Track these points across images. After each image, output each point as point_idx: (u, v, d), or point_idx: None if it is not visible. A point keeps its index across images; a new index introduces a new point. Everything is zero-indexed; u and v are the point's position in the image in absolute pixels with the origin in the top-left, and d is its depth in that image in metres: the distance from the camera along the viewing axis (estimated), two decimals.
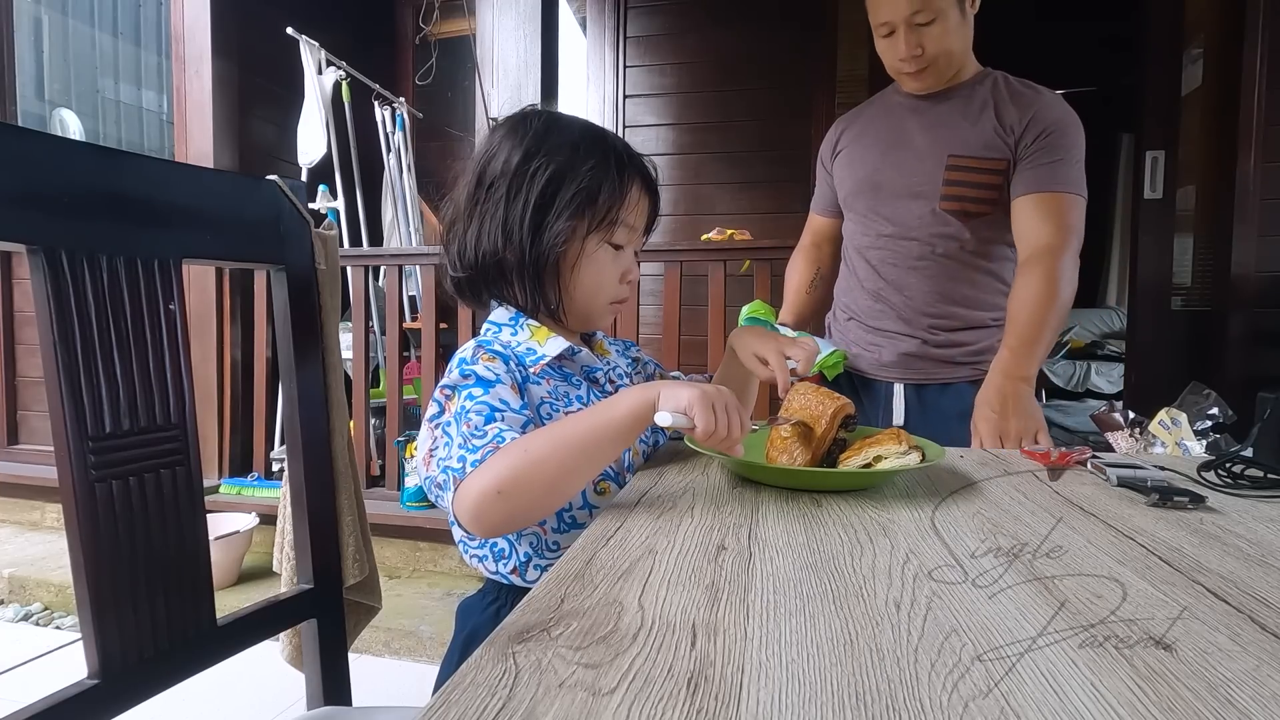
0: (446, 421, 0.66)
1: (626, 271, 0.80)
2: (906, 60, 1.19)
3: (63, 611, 2.18)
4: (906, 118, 1.29)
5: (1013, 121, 1.20)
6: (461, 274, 0.78)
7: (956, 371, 1.26)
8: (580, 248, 0.75)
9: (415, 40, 3.61)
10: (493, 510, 0.60)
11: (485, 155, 0.77)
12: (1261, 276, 2.21)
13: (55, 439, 0.56)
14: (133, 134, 3.27)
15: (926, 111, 1.27)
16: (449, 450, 0.64)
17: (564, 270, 0.76)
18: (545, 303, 0.77)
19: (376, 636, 1.92)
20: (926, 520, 0.56)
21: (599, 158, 0.75)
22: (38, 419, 2.97)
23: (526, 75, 2.34)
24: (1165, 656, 0.34)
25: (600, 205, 0.74)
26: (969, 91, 1.25)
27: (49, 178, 0.56)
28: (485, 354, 0.70)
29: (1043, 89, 1.24)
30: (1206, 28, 2.34)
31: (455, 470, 0.62)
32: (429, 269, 2.31)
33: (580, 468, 0.63)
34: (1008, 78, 1.25)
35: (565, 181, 0.74)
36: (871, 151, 1.31)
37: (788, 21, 2.91)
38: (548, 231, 0.73)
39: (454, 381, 0.69)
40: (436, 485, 0.65)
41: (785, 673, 0.32)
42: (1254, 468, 0.70)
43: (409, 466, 2.31)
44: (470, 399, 0.66)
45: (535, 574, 0.73)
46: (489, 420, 0.64)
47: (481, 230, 0.76)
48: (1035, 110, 1.20)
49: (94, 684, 0.57)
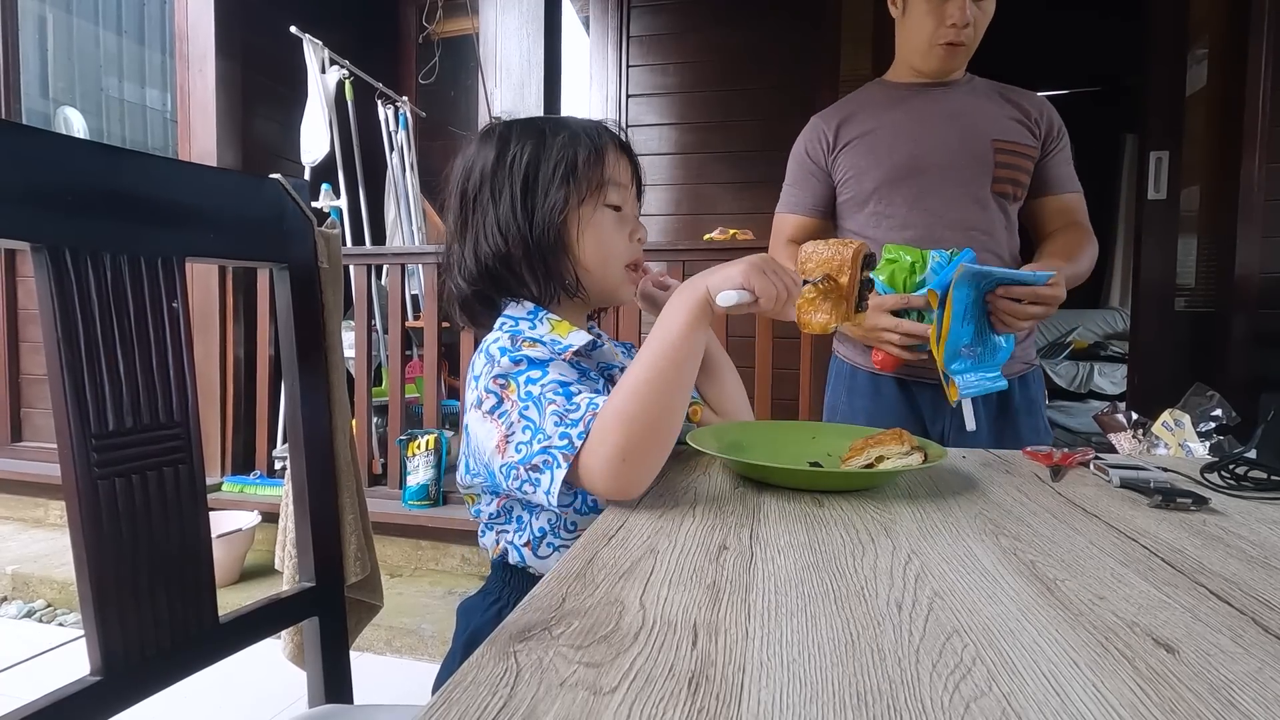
0: (524, 407, 0.65)
1: (632, 230, 0.80)
2: (956, 29, 1.18)
3: (65, 608, 2.18)
4: (925, 105, 1.24)
5: (1035, 115, 1.23)
6: (469, 289, 0.78)
7: (1012, 367, 1.21)
8: (578, 216, 0.76)
9: (418, 39, 3.62)
10: (626, 475, 0.60)
11: (462, 173, 0.79)
12: (1266, 278, 2.21)
13: (58, 436, 0.57)
14: (136, 132, 3.28)
15: (945, 99, 1.24)
16: (538, 433, 0.63)
17: (570, 245, 0.76)
18: (561, 283, 0.76)
19: (378, 635, 1.92)
20: (928, 521, 0.56)
21: (567, 133, 0.77)
22: (41, 416, 2.98)
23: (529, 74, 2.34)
24: (1167, 658, 0.34)
25: (582, 170, 0.76)
26: (969, 87, 1.26)
27: (53, 176, 0.56)
28: (525, 341, 0.70)
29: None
30: (1212, 27, 2.34)
31: (562, 448, 0.61)
32: (431, 268, 2.32)
33: (676, 397, 0.64)
34: (991, 82, 1.28)
35: (542, 161, 0.76)
36: (902, 138, 1.24)
37: (791, 21, 2.90)
38: (540, 210, 0.75)
39: (505, 370, 0.67)
40: (530, 469, 0.63)
41: (786, 672, 0.32)
42: (1257, 469, 0.70)
43: (411, 465, 2.32)
44: (532, 382, 0.66)
45: (548, 551, 0.73)
46: (569, 395, 0.64)
47: (478, 239, 0.76)
48: (1046, 108, 1.25)
49: (96, 681, 0.57)
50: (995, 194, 1.21)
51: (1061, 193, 1.25)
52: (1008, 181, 1.21)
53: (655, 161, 3.05)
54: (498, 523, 0.75)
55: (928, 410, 1.23)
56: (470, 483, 0.75)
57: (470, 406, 0.69)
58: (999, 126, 1.22)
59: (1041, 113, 1.24)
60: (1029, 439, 1.18)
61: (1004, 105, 1.24)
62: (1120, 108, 4.74)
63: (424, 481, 2.30)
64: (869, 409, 1.27)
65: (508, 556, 0.75)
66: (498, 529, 0.76)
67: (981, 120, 1.22)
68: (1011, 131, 1.22)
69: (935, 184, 1.22)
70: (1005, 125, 1.22)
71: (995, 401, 1.22)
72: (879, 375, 1.26)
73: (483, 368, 0.69)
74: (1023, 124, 1.22)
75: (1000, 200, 1.22)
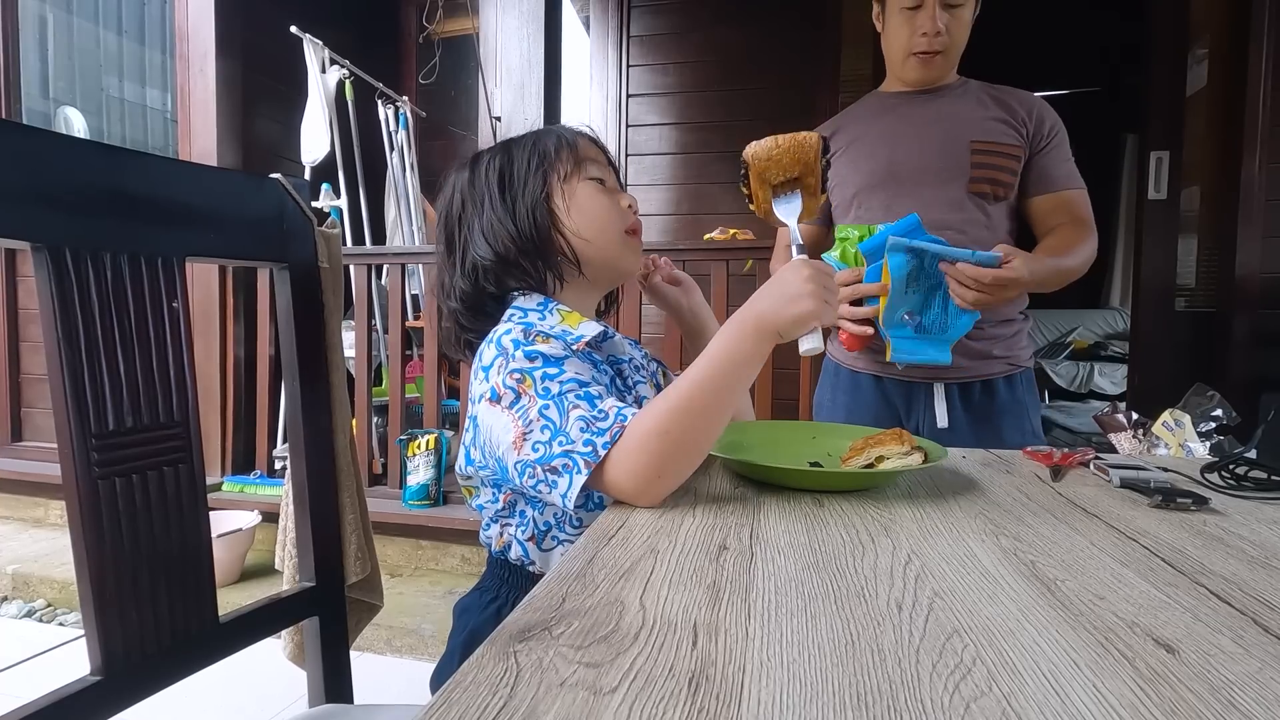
0: (543, 405, 0.64)
1: (621, 197, 0.82)
2: (928, 38, 1.20)
3: (66, 608, 2.19)
4: (910, 112, 1.28)
5: (1022, 115, 1.23)
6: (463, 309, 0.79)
7: (992, 367, 1.24)
8: (562, 192, 0.78)
9: (419, 39, 3.62)
10: (657, 489, 0.60)
11: (444, 204, 0.83)
12: (1266, 278, 2.21)
13: (59, 436, 0.56)
14: (137, 132, 3.28)
15: (929, 105, 1.27)
16: (558, 435, 0.63)
17: (560, 221, 0.77)
18: (560, 258, 0.78)
19: (378, 634, 1.93)
20: (928, 521, 0.56)
21: (533, 135, 0.81)
22: (42, 416, 2.98)
23: (529, 74, 2.34)
24: (1168, 658, 0.34)
25: (554, 155, 0.78)
26: (960, 91, 1.28)
27: (54, 176, 0.56)
28: (538, 336, 0.70)
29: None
30: (1212, 28, 2.34)
31: (585, 455, 0.61)
32: (432, 268, 2.32)
33: (718, 422, 0.64)
34: (984, 84, 1.29)
35: (515, 160, 0.79)
36: (881, 145, 1.29)
37: (791, 21, 2.90)
38: (522, 201, 0.77)
39: (520, 364, 0.67)
40: (549, 469, 0.63)
41: (786, 673, 0.32)
42: (1257, 469, 0.70)
43: (411, 465, 2.32)
44: (549, 379, 0.65)
45: (552, 544, 0.73)
46: (591, 400, 0.64)
47: (468, 252, 0.79)
48: (1037, 107, 1.25)
49: (97, 680, 0.57)
50: (972, 194, 1.22)
51: (1056, 190, 1.24)
52: (985, 181, 1.22)
53: (656, 161, 3.05)
54: (502, 515, 0.76)
55: (902, 405, 1.28)
56: (471, 473, 0.75)
57: (480, 397, 0.69)
58: (979, 128, 1.23)
59: (1030, 111, 1.24)
60: (1013, 443, 1.17)
61: (989, 107, 1.25)
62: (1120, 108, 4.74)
63: (424, 481, 2.30)
64: (848, 403, 1.33)
65: (509, 551, 0.75)
66: (502, 521, 0.76)
67: (960, 124, 1.24)
68: (993, 132, 1.23)
69: (909, 188, 1.25)
70: (986, 126, 1.23)
71: (976, 399, 1.24)
72: (858, 373, 1.31)
73: (494, 359, 0.69)
74: (1007, 124, 1.23)
75: (979, 200, 1.23)
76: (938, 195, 1.23)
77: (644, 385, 0.80)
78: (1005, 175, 1.23)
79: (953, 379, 1.24)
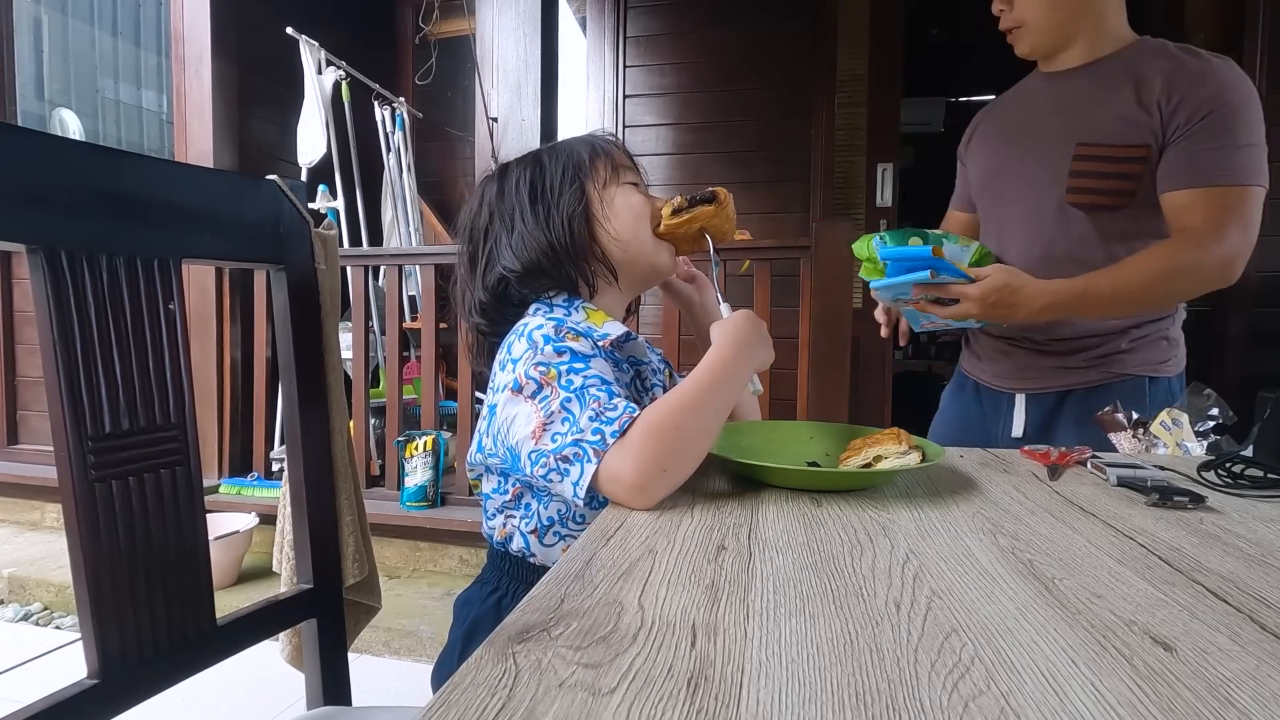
0: (566, 398, 0.65)
1: (654, 200, 0.83)
2: (1001, 20, 1.13)
3: (62, 611, 2.18)
4: (1037, 101, 1.17)
5: (1159, 97, 1.01)
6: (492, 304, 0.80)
7: (1084, 376, 1.13)
8: (599, 199, 0.78)
9: (415, 40, 3.62)
10: (658, 485, 0.61)
11: (469, 220, 0.83)
12: (1262, 277, 2.22)
13: (55, 439, 0.56)
14: (132, 134, 3.27)
15: (1058, 93, 1.13)
16: (574, 424, 0.63)
17: (598, 226, 0.78)
18: (595, 273, 0.79)
19: (376, 636, 1.92)
20: (926, 520, 0.56)
21: (564, 146, 0.81)
22: (38, 419, 2.97)
23: (526, 75, 2.34)
24: (1165, 656, 0.34)
25: (590, 164, 0.79)
26: (1109, 66, 1.08)
27: (49, 177, 0.56)
28: (569, 333, 0.70)
29: (1210, 55, 1.03)
30: (1206, 28, 2.35)
31: (594, 443, 0.62)
32: (429, 269, 2.31)
33: (718, 419, 0.68)
34: (1165, 45, 1.06)
35: (547, 172, 0.79)
36: (998, 142, 1.21)
37: (788, 21, 2.91)
38: (558, 211, 0.77)
39: (548, 358, 0.67)
40: (560, 459, 0.63)
41: (785, 673, 0.32)
42: (1254, 467, 0.70)
43: (408, 466, 2.31)
44: (575, 373, 0.66)
45: (554, 539, 0.74)
46: (610, 394, 0.65)
47: (492, 266, 0.79)
48: (1191, 82, 1.00)
49: (94, 684, 0.57)
50: (1072, 205, 1.07)
51: (1172, 189, 1.02)
52: (1088, 191, 1.06)
53: (653, 162, 3.05)
54: (508, 507, 0.76)
55: (990, 412, 1.25)
56: (482, 460, 0.75)
57: (502, 387, 0.69)
58: (1094, 126, 1.06)
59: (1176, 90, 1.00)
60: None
61: (1124, 92, 1.04)
62: None
63: (422, 483, 2.30)
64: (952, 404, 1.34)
65: (511, 543, 0.76)
66: (506, 513, 0.76)
67: (1074, 120, 1.08)
68: (1107, 131, 1.05)
69: (1010, 193, 1.17)
70: (1102, 124, 1.06)
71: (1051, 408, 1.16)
72: (966, 377, 1.30)
73: (523, 352, 0.69)
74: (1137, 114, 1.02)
75: (1082, 211, 1.07)
76: (1031, 202, 1.12)
77: (659, 389, 0.81)
78: (1118, 183, 1.05)
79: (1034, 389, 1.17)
